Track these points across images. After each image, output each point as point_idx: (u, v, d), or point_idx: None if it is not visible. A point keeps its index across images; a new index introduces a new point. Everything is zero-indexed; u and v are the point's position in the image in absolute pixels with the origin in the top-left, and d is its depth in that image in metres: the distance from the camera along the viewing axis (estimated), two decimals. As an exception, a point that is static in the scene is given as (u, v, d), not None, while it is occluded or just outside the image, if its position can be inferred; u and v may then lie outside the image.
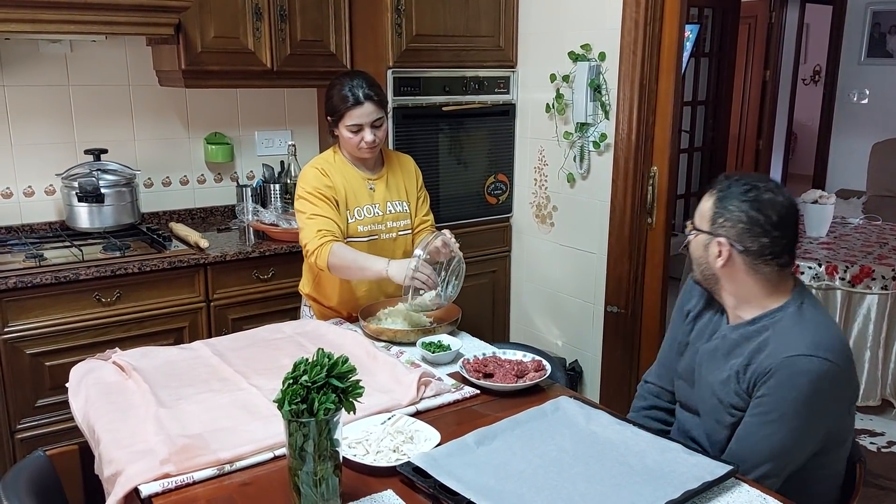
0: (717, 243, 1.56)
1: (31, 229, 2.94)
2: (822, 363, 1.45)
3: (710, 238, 1.58)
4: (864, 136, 6.22)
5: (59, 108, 2.94)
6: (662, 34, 2.73)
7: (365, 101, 2.22)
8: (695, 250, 1.64)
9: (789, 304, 1.56)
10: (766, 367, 1.49)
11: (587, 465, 1.43)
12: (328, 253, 2.17)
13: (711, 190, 1.60)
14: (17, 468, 1.58)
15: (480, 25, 3.14)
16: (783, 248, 1.54)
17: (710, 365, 1.64)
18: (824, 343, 1.48)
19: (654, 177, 2.84)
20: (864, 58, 6.28)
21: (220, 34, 2.83)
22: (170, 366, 1.89)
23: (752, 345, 1.56)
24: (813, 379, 1.45)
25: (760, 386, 1.50)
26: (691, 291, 1.80)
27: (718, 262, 1.57)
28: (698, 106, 5.66)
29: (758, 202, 1.52)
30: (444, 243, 2.13)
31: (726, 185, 1.57)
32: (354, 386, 1.27)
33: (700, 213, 1.61)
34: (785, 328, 1.53)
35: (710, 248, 1.58)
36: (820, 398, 1.47)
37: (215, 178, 3.34)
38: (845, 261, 3.47)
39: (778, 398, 1.47)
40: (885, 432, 3.41)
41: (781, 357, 1.47)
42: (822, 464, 1.57)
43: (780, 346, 1.49)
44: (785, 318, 1.54)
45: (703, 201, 1.61)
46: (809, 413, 1.47)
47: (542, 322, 3.38)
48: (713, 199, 1.58)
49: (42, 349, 2.49)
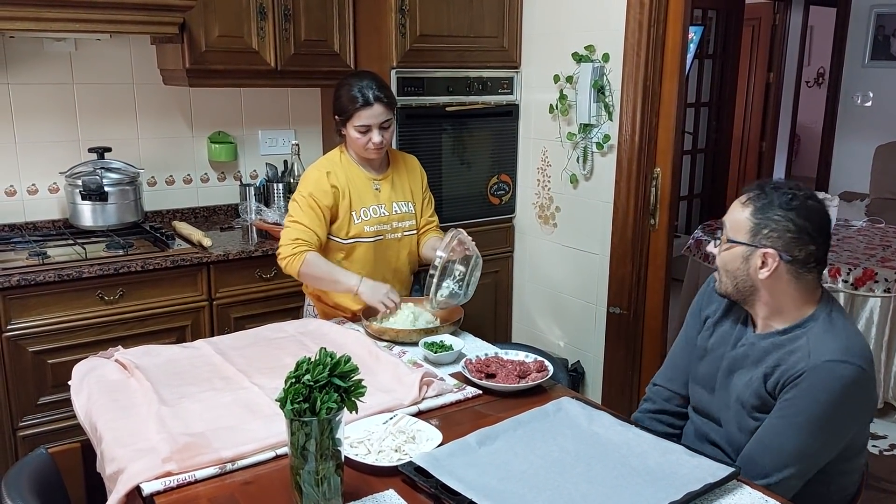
0: (763, 254, 1.52)
1: (34, 227, 2.94)
2: (856, 369, 1.45)
3: (751, 250, 1.54)
4: (868, 138, 6.21)
5: (63, 107, 2.94)
6: (666, 36, 2.73)
7: (375, 102, 2.23)
8: (730, 262, 1.58)
9: (819, 313, 1.55)
10: (798, 369, 1.48)
11: (589, 466, 1.43)
12: (301, 263, 2.22)
13: (744, 200, 1.56)
14: (19, 466, 1.59)
15: (484, 26, 3.14)
16: (825, 253, 1.55)
17: (738, 372, 1.62)
18: (856, 349, 1.48)
19: (657, 178, 2.84)
20: (868, 60, 6.27)
21: (225, 33, 2.83)
22: (172, 364, 1.89)
23: (782, 351, 1.55)
24: (847, 384, 1.45)
25: (789, 388, 1.49)
26: (711, 297, 1.77)
27: (763, 272, 1.53)
28: (702, 108, 5.66)
29: (804, 209, 1.51)
30: (460, 241, 2.17)
31: (762, 194, 1.54)
32: (357, 385, 1.27)
33: (734, 225, 1.56)
34: (817, 335, 1.52)
35: (752, 260, 1.54)
36: (849, 403, 1.47)
37: (219, 176, 3.34)
38: (848, 263, 3.46)
39: (809, 401, 1.46)
40: (888, 435, 3.41)
41: (816, 361, 1.46)
42: (844, 471, 1.57)
43: (813, 351, 1.49)
44: (816, 327, 1.53)
45: (737, 212, 1.56)
46: (839, 417, 1.47)
47: (545, 322, 3.38)
48: (751, 209, 1.54)
49: (45, 347, 2.49)
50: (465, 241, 2.20)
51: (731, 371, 1.65)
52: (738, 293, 1.60)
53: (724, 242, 1.59)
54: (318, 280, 2.28)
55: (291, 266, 2.23)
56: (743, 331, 1.66)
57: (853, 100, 6.38)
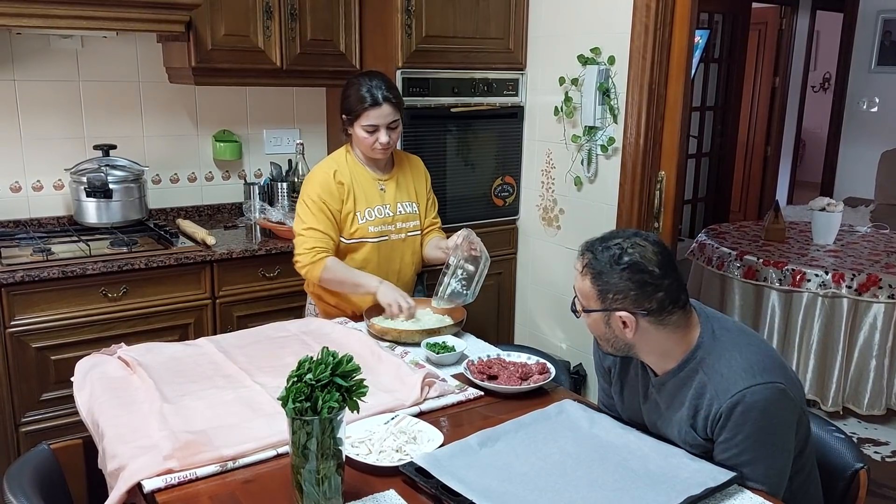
0: (619, 317, 1.48)
1: (38, 223, 2.95)
2: (765, 388, 1.43)
3: (607, 314, 1.50)
4: (873, 144, 6.20)
5: (69, 104, 2.95)
6: (672, 39, 2.73)
7: (383, 102, 2.24)
8: (596, 329, 1.55)
9: (703, 338, 1.52)
10: (714, 412, 1.46)
11: (590, 469, 1.43)
12: (321, 269, 2.24)
13: (580, 269, 1.52)
14: (21, 461, 1.59)
15: (490, 27, 3.14)
16: (677, 289, 1.49)
17: (660, 424, 1.60)
18: (756, 366, 1.45)
19: (661, 181, 2.84)
20: (875, 66, 6.26)
21: (231, 32, 2.84)
22: (174, 362, 1.89)
23: (689, 391, 1.52)
24: (765, 406, 1.42)
25: (718, 431, 1.46)
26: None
27: (627, 332, 1.49)
28: (707, 111, 5.66)
29: (635, 265, 1.45)
30: (466, 240, 2.20)
31: (594, 258, 1.49)
32: (358, 385, 1.27)
33: (583, 294, 1.52)
34: (712, 365, 1.49)
35: (613, 323, 1.50)
36: (776, 419, 1.45)
37: (223, 175, 3.35)
38: (852, 269, 3.46)
39: (743, 437, 1.44)
40: (890, 442, 3.40)
41: (725, 399, 1.43)
42: (799, 468, 1.55)
43: (718, 387, 1.46)
44: (707, 355, 1.50)
45: (579, 282, 1.53)
46: (776, 436, 1.45)
47: (547, 325, 3.38)
48: (589, 278, 1.50)
49: (48, 343, 2.50)
50: (474, 241, 2.22)
51: (653, 424, 1.62)
52: (620, 352, 1.57)
53: (581, 312, 1.55)
54: (339, 284, 2.30)
55: (312, 273, 2.26)
56: (645, 377, 1.63)
57: (859, 105, 6.37)
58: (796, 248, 3.89)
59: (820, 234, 3.99)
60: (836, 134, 6.53)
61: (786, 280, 3.51)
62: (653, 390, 1.60)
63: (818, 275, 3.44)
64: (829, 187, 6.58)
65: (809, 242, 4.01)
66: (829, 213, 3.96)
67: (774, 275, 3.54)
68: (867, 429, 3.51)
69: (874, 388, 3.48)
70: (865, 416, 3.53)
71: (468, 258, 2.22)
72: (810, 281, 3.45)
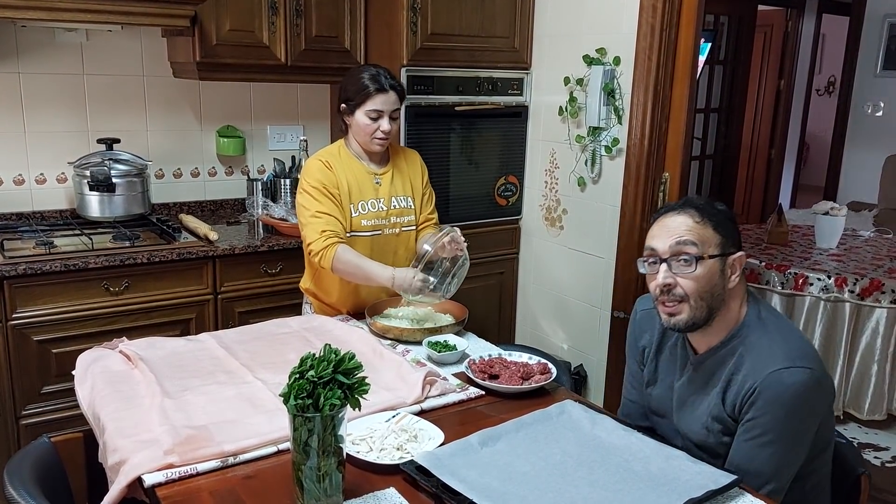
0: (734, 259, 1.52)
1: (41, 216, 2.95)
2: (803, 372, 1.44)
3: (723, 260, 1.51)
4: (878, 148, 6.19)
5: (73, 97, 2.95)
6: (678, 40, 2.72)
7: (390, 89, 2.23)
8: (707, 279, 1.50)
9: (750, 316, 1.55)
10: (748, 387, 1.47)
11: (591, 470, 1.42)
12: (333, 256, 2.18)
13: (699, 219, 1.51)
14: (21, 454, 1.59)
15: (495, 26, 3.14)
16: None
17: (691, 399, 1.61)
18: (797, 351, 1.47)
19: (665, 183, 2.83)
20: (880, 70, 6.24)
21: (236, 27, 2.84)
22: (176, 357, 1.89)
23: (727, 367, 1.53)
24: (799, 390, 1.43)
25: (747, 408, 1.47)
26: (642, 327, 1.76)
27: (734, 278, 1.52)
28: (711, 113, 5.65)
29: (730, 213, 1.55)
30: (453, 240, 2.14)
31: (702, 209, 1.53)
32: (360, 382, 1.26)
33: (705, 241, 1.50)
34: (754, 343, 1.51)
35: (727, 268, 1.52)
36: (807, 406, 1.46)
37: (226, 171, 3.35)
38: (855, 273, 3.45)
39: (770, 418, 1.45)
40: (890, 447, 3.39)
41: (763, 374, 1.45)
42: (815, 469, 1.56)
43: (757, 364, 1.47)
44: (750, 332, 1.53)
45: (697, 230, 1.50)
46: (800, 423, 1.47)
47: (548, 325, 3.38)
48: (710, 226, 1.51)
49: (49, 336, 2.50)
50: (458, 239, 2.16)
51: (682, 402, 1.63)
52: (711, 313, 1.53)
53: (696, 266, 1.49)
54: (351, 275, 2.23)
55: (325, 260, 2.19)
56: (684, 356, 1.64)
57: (864, 109, 6.35)
58: (799, 251, 3.89)
59: (823, 237, 3.99)
60: (841, 138, 6.51)
61: (788, 284, 3.50)
62: (690, 367, 1.62)
63: (821, 279, 3.43)
64: (833, 191, 6.56)
65: (812, 246, 4.00)
66: (832, 217, 3.95)
67: (777, 278, 3.54)
68: (868, 434, 3.50)
69: (875, 394, 3.47)
70: (866, 421, 3.52)
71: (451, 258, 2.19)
72: (813, 285, 3.44)
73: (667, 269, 1.52)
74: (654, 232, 1.56)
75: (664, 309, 1.55)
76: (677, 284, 1.51)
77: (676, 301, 1.52)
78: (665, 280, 1.51)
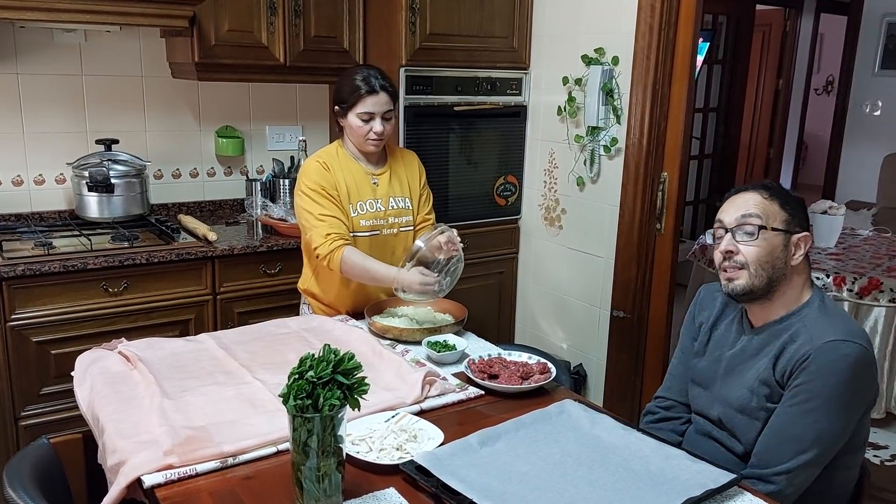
0: (800, 237, 1.58)
1: (40, 217, 2.95)
2: (859, 348, 1.48)
3: (788, 236, 1.58)
4: (876, 147, 6.19)
5: (71, 98, 2.95)
6: (676, 40, 2.72)
7: (380, 90, 2.22)
8: (768, 253, 1.57)
9: (814, 299, 1.60)
10: (803, 353, 1.50)
11: (590, 469, 1.42)
12: (340, 259, 2.19)
13: (767, 195, 1.60)
14: (20, 455, 1.59)
15: (494, 26, 3.14)
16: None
17: (739, 368, 1.65)
18: (856, 330, 1.53)
19: (664, 182, 2.83)
20: (879, 69, 6.25)
21: (235, 28, 2.84)
22: (175, 357, 1.89)
23: (781, 339, 1.58)
24: (852, 363, 1.47)
25: (798, 374, 1.51)
26: (703, 305, 1.81)
27: (798, 255, 1.58)
28: (710, 113, 5.65)
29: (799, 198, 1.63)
30: (449, 240, 2.14)
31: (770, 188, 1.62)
32: (360, 383, 1.26)
33: (770, 215, 1.58)
34: (814, 319, 1.56)
35: (791, 244, 1.58)
36: (858, 382, 1.49)
37: (225, 171, 3.35)
38: (854, 272, 3.45)
39: (820, 384, 1.48)
40: (889, 445, 3.40)
41: (819, 343, 1.49)
42: (846, 465, 1.57)
43: (814, 334, 1.52)
44: (811, 313, 1.57)
45: (764, 204, 1.59)
46: (850, 396, 1.49)
47: (548, 324, 3.38)
48: (777, 202, 1.59)
49: (48, 337, 2.50)
50: (454, 240, 2.15)
51: (730, 369, 1.67)
52: (770, 285, 1.58)
53: (758, 235, 1.57)
54: (358, 276, 2.24)
55: (333, 263, 2.20)
56: (740, 330, 1.69)
57: (862, 108, 6.36)
58: (798, 250, 3.89)
59: (822, 237, 3.99)
60: (839, 137, 6.52)
61: (787, 282, 3.50)
62: (745, 338, 1.66)
63: (819, 278, 3.43)
64: (831, 190, 6.57)
65: (811, 245, 4.00)
66: (831, 216, 3.96)
67: (776, 277, 3.54)
68: (867, 432, 3.51)
69: (874, 392, 3.47)
70: (865, 419, 3.52)
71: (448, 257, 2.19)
72: (812, 284, 3.44)
73: (731, 238, 1.60)
74: (725, 207, 1.64)
75: (724, 275, 1.62)
76: (739, 252, 1.58)
77: (737, 267, 1.59)
78: (727, 246, 1.59)
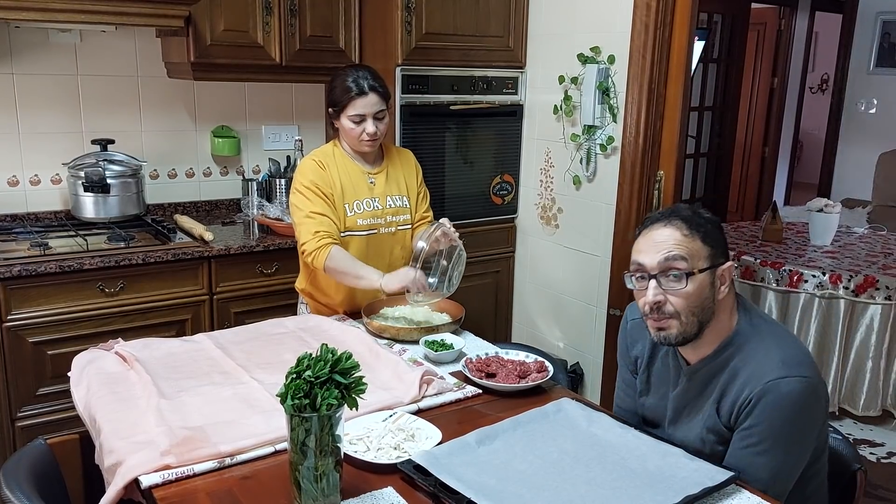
0: (723, 270, 1.49)
1: (36, 218, 2.94)
2: (800, 381, 1.42)
3: (713, 272, 1.48)
4: (871, 145, 6.21)
5: (67, 98, 2.94)
6: (672, 39, 2.73)
7: (370, 91, 2.22)
8: (698, 294, 1.46)
9: (742, 324, 1.53)
10: (745, 396, 1.45)
11: (588, 468, 1.42)
12: (326, 257, 2.18)
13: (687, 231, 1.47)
14: (17, 456, 1.58)
15: (490, 25, 3.14)
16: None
17: (685, 411, 1.61)
18: (792, 359, 1.45)
19: (660, 181, 2.84)
20: (873, 67, 6.26)
21: (230, 27, 2.83)
22: (172, 357, 1.89)
23: (722, 377, 1.52)
24: (796, 399, 1.42)
25: (744, 417, 1.46)
26: (634, 336, 1.73)
27: (723, 289, 1.48)
28: (705, 111, 5.66)
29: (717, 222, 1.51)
30: (444, 233, 2.14)
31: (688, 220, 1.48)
32: (357, 382, 1.26)
33: (694, 255, 1.46)
34: (749, 351, 1.49)
35: (717, 280, 1.49)
36: (804, 415, 1.45)
37: (221, 171, 3.34)
38: (849, 270, 3.46)
39: (767, 426, 1.43)
40: (885, 443, 3.41)
41: (760, 384, 1.43)
42: (815, 472, 1.56)
43: (752, 373, 1.46)
44: (744, 341, 1.51)
45: (686, 243, 1.46)
46: (799, 432, 1.46)
47: (545, 323, 3.38)
48: (699, 237, 1.47)
49: (44, 338, 2.49)
50: (449, 232, 2.16)
51: (677, 413, 1.62)
52: (700, 328, 1.49)
53: (686, 282, 1.45)
54: (342, 275, 2.23)
55: (318, 260, 2.19)
56: (676, 366, 1.62)
57: (857, 106, 6.38)
58: (794, 248, 3.90)
59: (817, 235, 4.00)
60: (834, 135, 6.54)
61: (783, 281, 3.51)
62: (684, 378, 1.59)
63: (815, 276, 3.44)
64: (827, 188, 6.59)
65: (807, 243, 4.01)
66: (826, 214, 3.97)
67: (772, 275, 3.55)
68: (863, 430, 3.52)
69: (870, 390, 3.48)
70: (861, 417, 3.53)
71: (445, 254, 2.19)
72: (807, 282, 3.45)
73: (656, 285, 1.47)
74: (641, 246, 1.51)
75: (653, 324, 1.51)
76: (667, 301, 1.47)
77: (666, 317, 1.48)
78: (655, 298, 1.47)
